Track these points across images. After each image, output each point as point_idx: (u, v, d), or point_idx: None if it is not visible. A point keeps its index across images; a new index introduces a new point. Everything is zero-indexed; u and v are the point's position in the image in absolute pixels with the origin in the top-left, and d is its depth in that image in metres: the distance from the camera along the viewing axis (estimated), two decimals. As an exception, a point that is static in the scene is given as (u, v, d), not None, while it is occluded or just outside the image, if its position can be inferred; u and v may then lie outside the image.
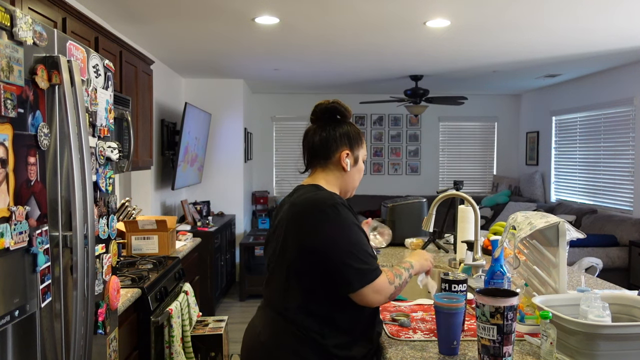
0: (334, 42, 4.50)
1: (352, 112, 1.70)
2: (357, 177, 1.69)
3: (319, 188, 1.60)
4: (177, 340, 2.71)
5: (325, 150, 1.63)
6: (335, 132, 1.64)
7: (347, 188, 1.68)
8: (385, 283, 1.51)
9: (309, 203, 1.53)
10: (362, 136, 1.69)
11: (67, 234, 1.53)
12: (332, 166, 1.64)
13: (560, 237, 1.75)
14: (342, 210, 1.51)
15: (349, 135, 1.65)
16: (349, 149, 1.64)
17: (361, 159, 1.68)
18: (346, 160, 1.63)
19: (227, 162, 6.66)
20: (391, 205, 3.35)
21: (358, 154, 1.67)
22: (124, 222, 3.24)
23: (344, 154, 1.63)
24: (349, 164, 1.64)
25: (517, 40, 4.45)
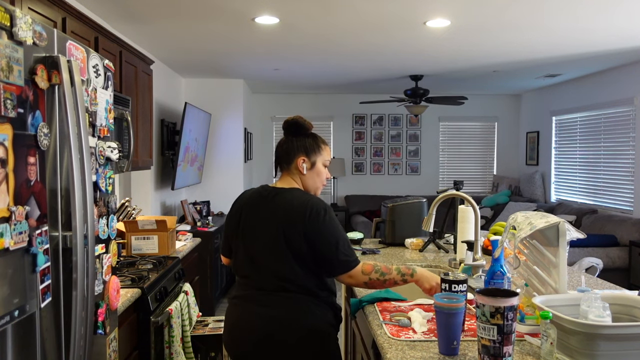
0: (334, 42, 4.50)
1: (312, 125, 2.04)
2: (317, 179, 2.02)
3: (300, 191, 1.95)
4: (177, 340, 2.71)
5: (286, 157, 2.01)
6: (295, 142, 2.01)
7: (308, 188, 2.02)
8: (359, 272, 1.86)
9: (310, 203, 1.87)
10: (322, 146, 2.03)
11: (67, 234, 1.53)
12: (294, 169, 2.00)
13: (560, 237, 1.75)
14: (332, 212, 1.89)
15: (305, 144, 2.00)
16: (305, 155, 1.99)
17: (319, 164, 2.01)
18: (302, 165, 1.98)
19: (227, 162, 6.66)
20: (391, 205, 3.35)
21: (315, 160, 2.00)
22: (124, 222, 3.24)
23: (300, 160, 1.98)
24: (305, 168, 1.99)
25: (517, 40, 4.45)
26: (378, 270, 1.88)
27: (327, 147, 2.08)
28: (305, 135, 2.03)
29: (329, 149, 2.08)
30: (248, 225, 1.93)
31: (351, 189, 8.34)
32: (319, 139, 2.05)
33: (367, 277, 1.86)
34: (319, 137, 2.06)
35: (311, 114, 8.17)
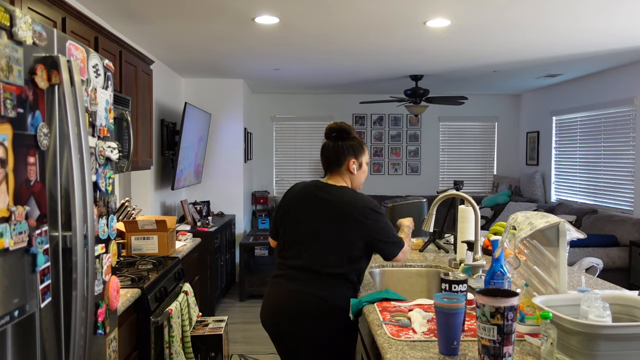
0: (334, 41, 4.50)
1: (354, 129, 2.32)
2: (363, 177, 2.34)
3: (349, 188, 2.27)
4: (177, 340, 2.71)
5: (337, 160, 2.28)
6: (343, 146, 2.28)
7: (356, 185, 2.33)
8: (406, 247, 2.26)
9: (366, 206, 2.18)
10: (364, 146, 2.32)
11: (67, 234, 1.53)
12: (344, 170, 2.28)
13: (560, 237, 1.75)
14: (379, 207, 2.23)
15: (353, 147, 2.28)
16: (355, 157, 2.27)
17: (364, 163, 2.32)
18: (353, 166, 2.27)
19: (227, 162, 6.65)
20: (391, 205, 3.35)
21: (362, 160, 2.30)
22: (123, 222, 3.24)
23: (351, 162, 2.27)
24: (355, 169, 2.28)
25: (517, 40, 4.45)
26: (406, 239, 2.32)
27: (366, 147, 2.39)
28: (351, 139, 2.31)
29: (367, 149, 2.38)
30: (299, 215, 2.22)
31: (351, 189, 8.33)
32: (362, 142, 2.35)
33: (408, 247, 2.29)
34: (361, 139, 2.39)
35: (311, 114, 8.18)
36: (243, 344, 4.36)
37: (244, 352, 4.22)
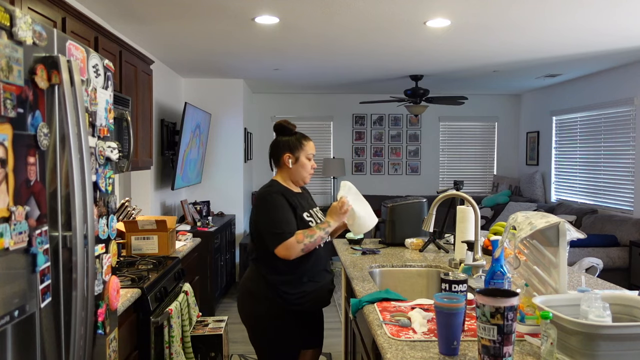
0: (334, 41, 4.50)
1: (295, 126, 2.49)
2: (303, 171, 2.47)
3: (273, 182, 2.47)
4: (177, 340, 2.71)
5: (275, 155, 2.50)
6: (280, 142, 2.48)
7: (296, 179, 2.49)
8: (294, 242, 2.30)
9: (258, 194, 2.44)
10: (303, 141, 2.46)
11: (67, 234, 1.53)
12: (282, 164, 2.48)
13: (560, 237, 1.75)
14: (272, 198, 2.37)
15: (289, 143, 2.46)
16: (290, 153, 2.45)
17: (303, 158, 2.45)
18: (288, 160, 2.45)
19: (227, 162, 6.65)
20: (391, 205, 3.35)
21: (299, 155, 2.45)
22: (123, 222, 3.24)
23: (286, 156, 2.45)
24: (291, 163, 2.45)
25: (517, 40, 4.45)
26: (307, 234, 2.32)
27: (310, 142, 2.49)
28: (290, 135, 2.46)
29: (312, 144, 2.49)
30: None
31: (351, 189, 8.33)
32: (301, 137, 2.47)
33: (302, 244, 2.30)
34: (302, 135, 2.48)
35: (311, 114, 8.18)
36: (243, 344, 4.36)
37: (244, 352, 4.22)
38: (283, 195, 2.39)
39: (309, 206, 2.53)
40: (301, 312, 2.43)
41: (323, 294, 2.50)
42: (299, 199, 2.47)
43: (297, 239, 2.30)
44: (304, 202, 2.50)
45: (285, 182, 2.49)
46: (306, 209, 2.48)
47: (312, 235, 2.33)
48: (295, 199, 2.44)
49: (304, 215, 2.43)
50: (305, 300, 2.41)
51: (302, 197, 2.51)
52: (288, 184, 2.49)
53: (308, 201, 2.58)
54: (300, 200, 2.48)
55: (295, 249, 2.30)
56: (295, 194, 2.47)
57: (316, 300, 2.47)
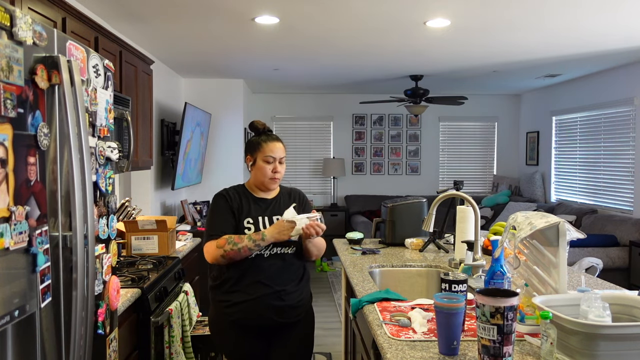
0: (334, 42, 4.50)
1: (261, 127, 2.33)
2: (259, 173, 2.29)
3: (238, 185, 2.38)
4: (177, 340, 2.71)
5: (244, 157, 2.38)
6: (246, 143, 2.37)
7: (256, 181, 2.33)
8: (212, 245, 2.19)
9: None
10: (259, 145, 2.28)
11: (67, 234, 1.53)
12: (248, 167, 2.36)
13: (560, 237, 1.75)
14: (214, 198, 2.32)
15: (249, 144, 2.33)
16: (249, 154, 2.32)
17: (260, 160, 2.27)
18: (248, 163, 2.34)
19: (227, 162, 6.66)
20: (391, 205, 3.35)
21: (255, 157, 2.29)
22: (124, 222, 3.24)
23: (247, 159, 2.34)
24: (249, 165, 2.33)
25: (517, 40, 4.45)
26: (231, 241, 2.16)
27: (272, 143, 2.28)
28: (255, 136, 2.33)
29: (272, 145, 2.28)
30: None
31: (351, 189, 8.35)
32: (262, 137, 2.30)
33: (222, 249, 2.15)
34: (266, 134, 2.32)
35: (311, 114, 8.17)
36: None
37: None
38: (225, 196, 2.29)
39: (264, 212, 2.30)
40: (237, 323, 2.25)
41: (256, 308, 2.22)
42: (252, 203, 2.29)
43: (219, 243, 2.17)
44: (255, 207, 2.29)
45: (249, 185, 2.36)
46: (253, 214, 2.27)
47: (237, 243, 2.15)
48: (247, 202, 2.28)
49: (245, 221, 2.25)
50: (233, 311, 2.24)
51: (262, 203, 2.31)
52: (251, 187, 2.35)
53: (273, 207, 2.33)
54: (253, 205, 2.29)
55: (214, 253, 2.18)
56: (254, 198, 2.31)
57: (247, 312, 2.23)
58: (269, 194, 2.35)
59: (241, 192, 2.32)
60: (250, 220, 2.26)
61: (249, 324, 2.26)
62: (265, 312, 2.23)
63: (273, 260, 2.25)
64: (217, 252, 2.17)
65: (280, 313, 2.25)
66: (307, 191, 8.24)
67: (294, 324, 2.31)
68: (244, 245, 2.15)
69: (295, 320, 2.30)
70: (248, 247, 2.15)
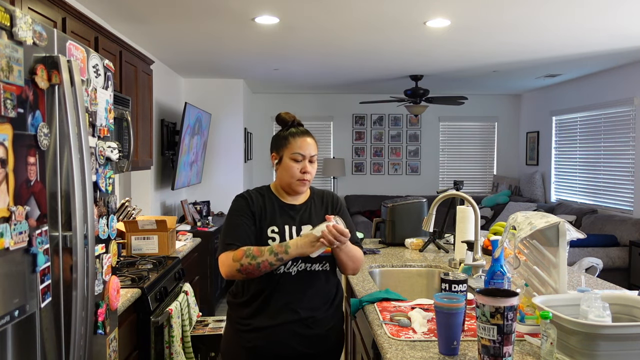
0: (334, 41, 4.50)
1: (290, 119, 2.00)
2: (286, 174, 1.95)
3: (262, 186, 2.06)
4: (177, 340, 2.71)
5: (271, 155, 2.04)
6: (272, 139, 2.03)
7: (282, 182, 1.99)
8: (228, 258, 1.84)
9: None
10: (287, 140, 1.96)
11: (67, 234, 1.53)
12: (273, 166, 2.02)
13: (560, 237, 1.75)
14: (235, 202, 1.98)
15: (276, 139, 2.01)
16: (275, 151, 1.99)
17: (287, 158, 1.94)
18: (274, 161, 2.00)
19: (227, 162, 6.66)
20: (391, 205, 3.35)
21: (282, 155, 1.96)
22: (124, 222, 3.24)
23: (272, 156, 2.01)
24: (275, 164, 2.00)
25: (517, 40, 4.45)
26: (250, 254, 1.81)
27: (301, 138, 1.95)
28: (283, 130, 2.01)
29: (302, 140, 1.94)
30: None
31: (351, 189, 8.34)
32: (290, 131, 1.97)
33: (238, 263, 1.81)
34: (296, 128, 1.99)
35: (311, 114, 8.17)
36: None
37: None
38: (246, 198, 1.96)
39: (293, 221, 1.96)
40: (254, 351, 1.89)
41: (279, 337, 1.87)
42: (278, 209, 1.95)
43: (235, 256, 1.82)
44: (284, 215, 1.95)
45: (275, 187, 2.02)
46: (278, 222, 1.93)
47: (256, 257, 1.80)
48: (272, 208, 1.95)
49: (269, 230, 1.91)
50: (251, 337, 1.89)
51: (290, 209, 1.97)
52: (278, 191, 2.01)
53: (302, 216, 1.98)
54: (281, 211, 1.95)
55: (230, 267, 1.83)
56: (281, 204, 1.97)
57: (267, 341, 1.88)
58: (298, 198, 2.01)
59: (266, 194, 1.99)
60: (275, 229, 1.91)
61: (267, 354, 1.89)
62: (289, 341, 1.88)
63: (302, 278, 1.91)
64: (232, 266, 1.82)
65: (307, 343, 1.90)
66: (307, 191, 8.24)
67: (320, 355, 1.95)
68: (264, 260, 1.80)
69: (322, 350, 1.95)
70: (269, 261, 1.80)
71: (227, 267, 1.84)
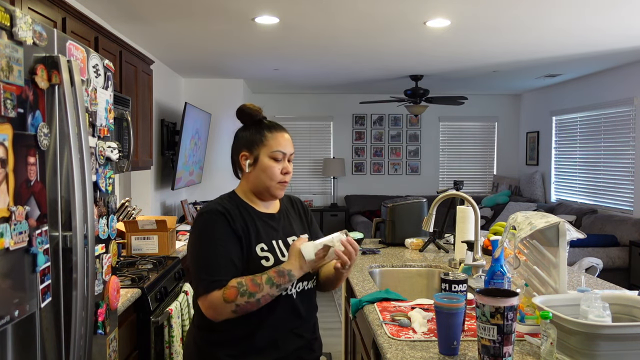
0: (334, 42, 4.50)
1: (258, 112, 1.69)
2: (264, 176, 1.63)
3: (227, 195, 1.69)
4: (177, 340, 2.71)
5: (233, 156, 1.71)
6: (237, 136, 1.70)
7: (258, 189, 1.66)
8: (219, 300, 1.48)
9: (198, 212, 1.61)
10: (263, 136, 1.65)
11: (67, 234, 1.53)
12: (242, 170, 1.69)
13: (560, 237, 1.75)
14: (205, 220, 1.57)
15: (244, 139, 1.67)
16: (246, 150, 1.66)
17: (265, 157, 1.63)
18: (244, 162, 1.66)
19: (227, 162, 6.61)
20: (391, 205, 3.35)
21: (257, 154, 1.64)
22: (124, 222, 3.24)
23: (241, 156, 1.67)
24: (247, 165, 1.65)
25: (517, 40, 4.45)
26: (245, 291, 1.48)
27: (279, 133, 1.66)
28: (251, 125, 1.69)
29: (280, 136, 1.66)
30: None
31: (351, 189, 8.34)
32: (264, 126, 1.67)
33: (232, 304, 1.48)
34: (267, 123, 1.69)
35: (311, 114, 8.17)
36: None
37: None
38: (223, 214, 1.57)
39: (278, 234, 1.67)
40: None
41: None
42: (259, 222, 1.64)
43: (227, 296, 1.48)
44: (266, 228, 1.65)
45: (245, 194, 1.68)
46: (267, 238, 1.63)
47: (254, 293, 1.49)
48: (252, 222, 1.62)
49: (257, 249, 1.59)
50: None
51: (270, 220, 1.68)
52: (249, 198, 1.68)
53: (283, 225, 1.71)
54: (262, 224, 1.64)
55: (222, 310, 1.49)
56: (259, 214, 1.66)
57: None
58: (271, 205, 1.72)
59: (239, 204, 1.64)
60: (265, 247, 1.61)
61: None
62: None
63: (303, 299, 1.66)
64: (225, 308, 1.49)
65: None
66: (307, 191, 8.25)
67: None
68: (263, 295, 1.50)
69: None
70: (270, 294, 1.51)
71: (217, 311, 1.50)
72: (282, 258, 1.61)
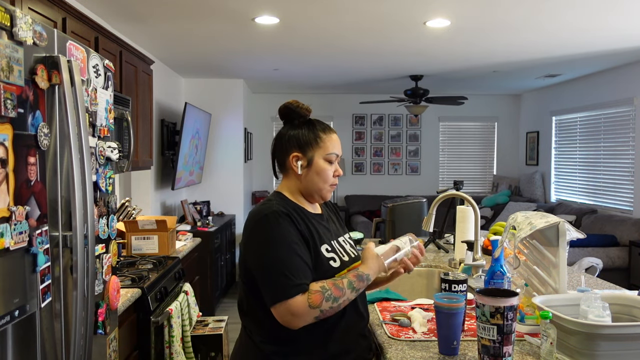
0: (334, 42, 4.50)
1: (309, 110, 1.63)
2: (318, 179, 1.58)
3: (276, 196, 1.60)
4: (177, 340, 2.71)
5: (279, 155, 1.62)
6: (286, 135, 1.61)
7: (309, 191, 1.60)
8: (304, 305, 1.39)
9: (250, 215, 1.53)
10: (318, 135, 1.59)
11: (67, 234, 1.53)
12: (289, 170, 1.61)
13: (560, 237, 1.75)
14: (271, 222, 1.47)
15: (298, 137, 1.59)
16: (299, 151, 1.58)
17: (320, 160, 1.58)
18: (296, 163, 1.58)
19: (227, 162, 6.66)
20: (391, 205, 3.35)
21: (312, 155, 1.58)
22: (124, 222, 3.24)
23: (292, 157, 1.59)
24: (300, 167, 1.58)
25: (517, 41, 4.46)
26: (330, 296, 1.42)
27: (332, 135, 1.61)
28: (301, 124, 1.62)
29: (334, 138, 1.61)
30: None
31: (351, 189, 8.34)
32: (318, 127, 1.61)
33: (317, 310, 1.40)
34: (319, 124, 1.62)
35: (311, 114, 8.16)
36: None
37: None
38: (289, 216, 1.49)
39: (331, 235, 1.63)
40: None
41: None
42: (316, 223, 1.58)
43: (312, 300, 1.40)
44: (323, 229, 1.59)
45: (293, 195, 1.61)
46: (327, 238, 1.58)
47: (338, 298, 1.43)
48: (311, 223, 1.56)
49: (322, 249, 1.53)
50: None
51: (322, 220, 1.63)
52: (298, 200, 1.61)
53: (332, 226, 1.67)
54: (319, 225, 1.59)
55: (307, 316, 1.40)
56: (312, 215, 1.60)
57: None
58: (316, 207, 1.67)
59: (292, 207, 1.55)
60: (328, 248, 1.55)
61: None
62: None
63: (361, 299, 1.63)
64: (310, 314, 1.40)
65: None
66: (307, 191, 8.23)
67: None
68: (345, 300, 1.46)
69: None
70: (349, 299, 1.47)
71: (299, 317, 1.40)
72: (344, 258, 1.57)
